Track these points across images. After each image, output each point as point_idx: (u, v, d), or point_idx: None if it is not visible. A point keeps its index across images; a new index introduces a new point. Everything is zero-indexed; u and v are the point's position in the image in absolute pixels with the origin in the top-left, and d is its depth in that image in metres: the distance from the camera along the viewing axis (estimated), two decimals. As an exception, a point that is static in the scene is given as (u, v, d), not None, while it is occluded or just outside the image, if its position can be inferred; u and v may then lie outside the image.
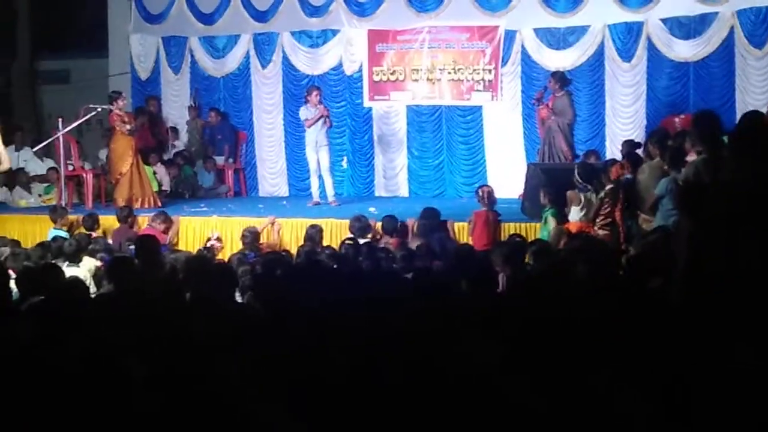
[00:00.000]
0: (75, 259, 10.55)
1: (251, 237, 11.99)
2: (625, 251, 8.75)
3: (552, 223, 11.29)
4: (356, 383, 3.93)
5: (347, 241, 10.88)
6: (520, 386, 3.83)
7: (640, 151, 13.15)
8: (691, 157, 9.65)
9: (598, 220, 10.82)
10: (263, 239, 12.46)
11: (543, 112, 14.25)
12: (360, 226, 11.77)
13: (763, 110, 6.38)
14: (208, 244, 12.66)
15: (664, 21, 15.01)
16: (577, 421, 3.58)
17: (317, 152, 14.88)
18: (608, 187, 10.89)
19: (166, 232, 12.93)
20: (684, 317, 4.54)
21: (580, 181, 11.13)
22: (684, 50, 14.98)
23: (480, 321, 4.99)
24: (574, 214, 11.10)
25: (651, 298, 5.40)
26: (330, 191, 15.02)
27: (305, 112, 14.95)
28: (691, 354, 4.03)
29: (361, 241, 11.07)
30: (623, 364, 4.07)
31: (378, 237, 11.92)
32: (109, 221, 13.49)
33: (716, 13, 14.63)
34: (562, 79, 14.28)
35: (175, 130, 17.93)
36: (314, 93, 15.01)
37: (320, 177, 15.02)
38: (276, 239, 12.82)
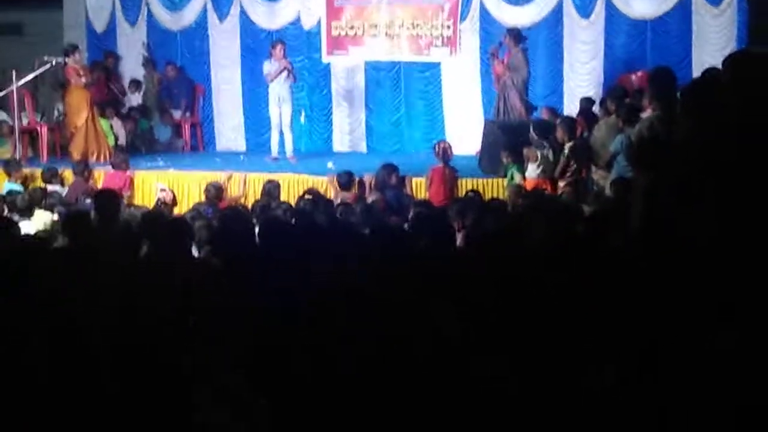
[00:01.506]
0: (27, 214, 10.47)
1: (214, 191, 11.98)
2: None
3: (518, 178, 11.37)
4: (317, 343, 3.94)
5: (306, 196, 10.88)
6: (485, 357, 3.85)
7: (596, 109, 13.24)
8: (646, 114, 9.71)
9: (564, 177, 10.89)
10: (228, 194, 12.46)
11: (498, 69, 14.24)
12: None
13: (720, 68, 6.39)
14: (157, 197, 12.64)
15: (623, -22, 15.04)
16: (543, 390, 3.60)
17: (280, 107, 14.79)
18: (570, 144, 10.95)
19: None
20: (643, 278, 4.58)
21: (536, 137, 11.20)
22: (642, 7, 15.03)
23: (439, 281, 5.01)
24: (531, 171, 11.19)
25: (610, 257, 5.44)
26: (289, 147, 14.95)
27: (268, 66, 14.82)
28: (654, 319, 4.07)
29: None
30: (583, 327, 4.10)
31: (334, 192, 11.92)
32: (65, 174, 13.39)
33: (674, -30, 14.68)
34: (517, 35, 14.24)
35: (137, 83, 17.72)
36: (278, 47, 14.87)
37: (280, 132, 14.95)
38: (241, 192, 12.81)
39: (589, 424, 3.60)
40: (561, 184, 10.85)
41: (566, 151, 10.93)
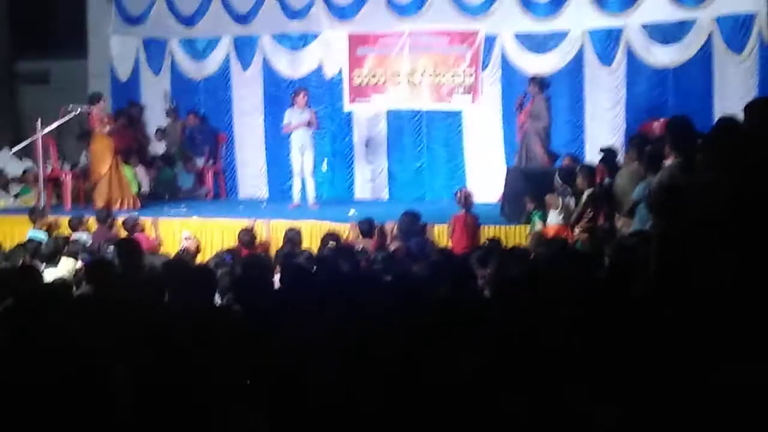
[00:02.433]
0: (52, 261, 10.53)
1: (248, 237, 12.07)
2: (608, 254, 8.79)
3: (539, 225, 11.38)
4: (338, 388, 3.94)
5: (330, 243, 10.91)
6: (501, 395, 3.85)
7: (619, 157, 13.24)
8: (668, 162, 9.70)
9: (580, 224, 10.88)
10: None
11: (521, 117, 14.32)
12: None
13: (740, 116, 6.41)
14: (183, 245, 12.69)
15: (644, 26, 15.09)
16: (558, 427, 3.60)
17: (302, 155, 14.87)
18: (589, 191, 10.95)
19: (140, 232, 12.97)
20: (657, 323, 4.57)
21: (561, 184, 11.21)
22: (663, 56, 15.06)
23: (459, 326, 5.01)
24: (552, 218, 11.18)
25: (630, 305, 5.43)
26: (311, 194, 15.01)
27: (290, 115, 14.92)
28: (670, 366, 4.06)
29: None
30: (601, 373, 4.09)
31: (355, 240, 11.93)
32: (90, 222, 13.47)
33: (695, 19, 14.71)
34: (540, 83, 14.34)
35: (161, 131, 17.88)
36: (301, 94, 14.98)
37: (302, 180, 15.01)
38: (268, 238, 12.85)
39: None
40: (577, 230, 10.84)
41: (584, 197, 10.93)
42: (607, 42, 15.39)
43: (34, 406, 3.87)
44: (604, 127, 15.50)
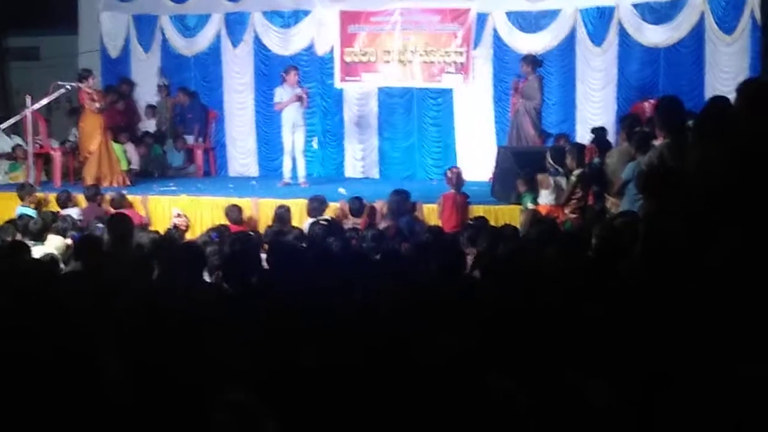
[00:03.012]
0: (40, 238, 10.51)
1: (236, 213, 12.05)
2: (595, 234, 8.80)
3: (531, 206, 11.37)
4: (327, 367, 3.94)
5: (321, 221, 10.90)
6: (490, 376, 3.84)
7: (611, 137, 13.25)
8: (658, 142, 9.71)
9: (570, 204, 10.89)
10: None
11: (515, 98, 14.32)
12: (313, 206, 11.81)
13: (731, 96, 6.42)
14: (173, 222, 12.67)
15: (636, 6, 15.09)
16: (554, 412, 3.60)
17: (293, 133, 14.84)
18: (578, 171, 10.95)
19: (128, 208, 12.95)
20: (644, 300, 4.58)
21: (552, 164, 11.21)
22: (655, 35, 15.05)
23: (448, 305, 5.02)
24: (544, 198, 11.19)
25: (617, 280, 5.44)
26: (301, 172, 15.00)
27: (281, 93, 14.88)
28: (660, 344, 4.07)
29: (321, 221, 11.09)
30: (591, 351, 4.10)
31: (344, 218, 11.92)
32: (78, 199, 13.44)
33: (687, -1, 14.72)
34: (533, 61, 14.34)
35: (152, 108, 17.85)
36: (292, 73, 14.93)
37: (293, 158, 14.99)
38: (255, 215, 12.84)
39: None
40: (566, 210, 10.85)
41: (573, 178, 10.93)
42: (599, 21, 15.39)
43: (24, 380, 3.86)
44: (595, 106, 15.52)
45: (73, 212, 12.66)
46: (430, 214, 12.18)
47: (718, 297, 4.40)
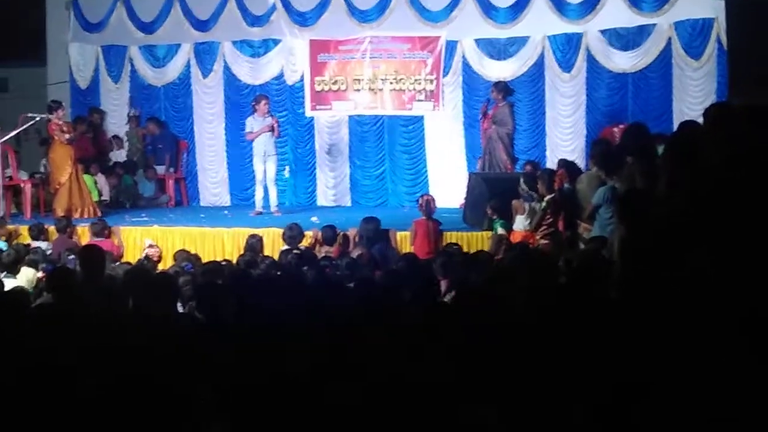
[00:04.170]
0: (13, 270, 10.43)
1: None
2: (565, 260, 8.83)
3: (500, 232, 11.41)
4: (301, 395, 3.94)
5: (294, 251, 10.89)
6: (469, 401, 3.85)
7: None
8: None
9: (540, 230, 10.95)
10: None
11: (485, 123, 14.39)
12: (291, 234, 11.79)
13: (699, 120, 6.49)
14: (145, 253, 12.62)
15: (603, 32, 15.21)
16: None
17: (264, 162, 14.84)
18: (548, 197, 11.00)
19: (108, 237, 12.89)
20: (621, 325, 4.61)
21: (526, 189, 11.26)
22: (622, 61, 15.17)
23: (423, 331, 5.02)
24: (519, 223, 11.24)
25: (592, 306, 5.46)
26: (273, 201, 14.99)
27: (251, 123, 14.88)
28: (638, 367, 4.09)
29: (294, 251, 11.08)
30: (567, 373, 4.12)
31: (318, 247, 11.91)
32: (50, 231, 13.36)
33: (654, 25, 14.86)
34: (504, 89, 14.44)
35: (119, 138, 17.82)
36: (263, 102, 14.93)
37: (265, 187, 14.98)
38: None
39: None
40: (537, 236, 10.91)
41: (543, 203, 10.99)
42: (567, 48, 15.49)
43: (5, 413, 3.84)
44: (565, 132, 15.61)
45: (43, 245, 12.58)
46: (403, 241, 12.18)
47: (685, 322, 4.43)
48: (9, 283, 9.25)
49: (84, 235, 13.24)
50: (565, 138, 15.55)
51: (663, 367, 3.97)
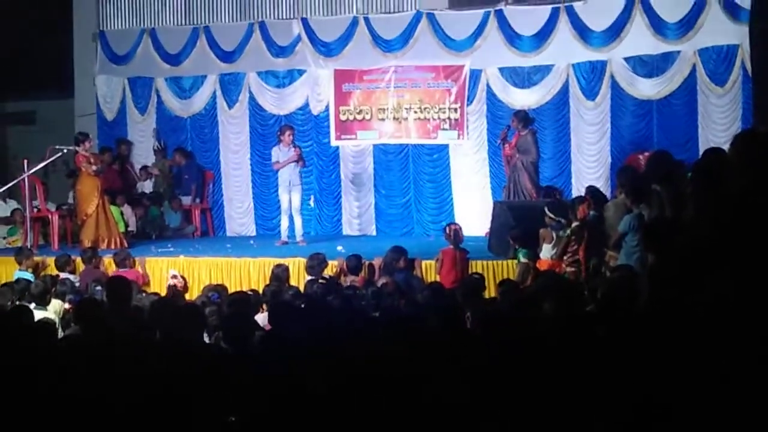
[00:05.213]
0: (42, 301, 10.48)
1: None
2: (589, 288, 8.79)
3: (524, 261, 11.39)
4: (328, 423, 3.94)
5: (320, 281, 10.89)
6: (491, 426, 3.85)
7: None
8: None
9: (565, 257, 10.93)
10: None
11: (507, 151, 14.39)
12: (311, 264, 11.80)
13: (725, 147, 6.47)
14: (168, 284, 12.68)
15: (627, 60, 15.21)
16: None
17: (290, 192, 14.87)
18: (574, 224, 10.99)
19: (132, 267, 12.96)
20: (647, 355, 4.59)
21: (553, 216, 11.23)
22: (647, 88, 15.16)
23: (449, 359, 5.02)
24: (546, 252, 11.20)
25: (618, 334, 5.45)
26: (299, 231, 15.01)
27: (277, 153, 14.93)
28: (667, 394, 4.08)
29: (320, 280, 11.07)
30: (593, 401, 4.11)
31: (343, 276, 11.92)
32: (77, 262, 13.42)
33: (678, 52, 14.86)
34: (524, 118, 14.46)
35: (147, 169, 17.89)
36: (287, 132, 14.98)
37: (290, 217, 15.02)
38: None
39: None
40: (564, 264, 10.89)
41: (568, 231, 10.98)
42: (591, 75, 15.50)
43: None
44: (590, 160, 15.59)
45: (71, 276, 12.64)
46: (428, 270, 12.17)
47: (707, 345, 4.42)
48: (39, 315, 9.31)
49: (111, 266, 13.29)
50: (590, 165, 15.53)
51: (685, 389, 3.96)
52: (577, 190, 14.77)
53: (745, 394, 3.84)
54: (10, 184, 16.25)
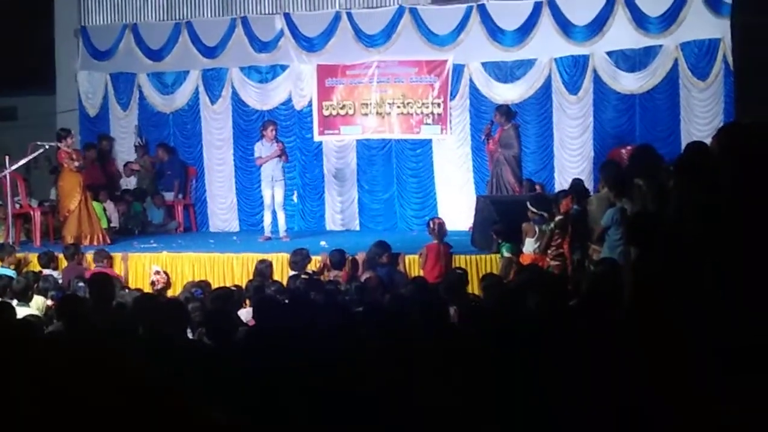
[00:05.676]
0: (24, 298, 10.43)
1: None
2: (572, 282, 8.81)
3: (507, 256, 11.39)
4: (312, 422, 3.93)
5: (302, 276, 10.89)
6: (477, 422, 3.85)
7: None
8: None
9: (549, 252, 10.95)
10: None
11: (491, 146, 14.40)
12: (294, 260, 11.79)
13: (707, 140, 6.50)
14: (151, 280, 12.66)
15: (610, 54, 15.25)
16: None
17: (272, 187, 14.85)
18: (558, 218, 11.01)
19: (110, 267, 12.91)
20: (632, 349, 4.60)
21: (536, 211, 11.24)
22: (629, 83, 15.20)
23: (433, 354, 5.02)
24: (528, 246, 11.21)
25: (603, 328, 5.46)
26: (282, 226, 14.99)
27: (260, 148, 14.92)
28: (650, 389, 4.09)
29: (303, 275, 11.07)
30: (577, 394, 4.11)
31: (326, 271, 11.92)
32: (60, 258, 13.38)
33: (660, 46, 14.90)
34: (507, 112, 14.44)
35: (131, 165, 17.82)
36: (270, 128, 14.97)
37: (273, 212, 15.00)
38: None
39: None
40: (547, 259, 10.91)
41: (551, 225, 11.00)
42: (573, 70, 15.53)
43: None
44: (572, 154, 15.63)
45: (54, 273, 12.60)
46: (412, 264, 12.18)
47: (694, 341, 4.43)
48: (22, 311, 9.26)
49: (92, 264, 13.25)
50: (572, 160, 15.56)
51: (670, 385, 3.97)
52: (560, 184, 14.80)
53: (726, 386, 3.86)
54: (-9, 180, 16.16)
